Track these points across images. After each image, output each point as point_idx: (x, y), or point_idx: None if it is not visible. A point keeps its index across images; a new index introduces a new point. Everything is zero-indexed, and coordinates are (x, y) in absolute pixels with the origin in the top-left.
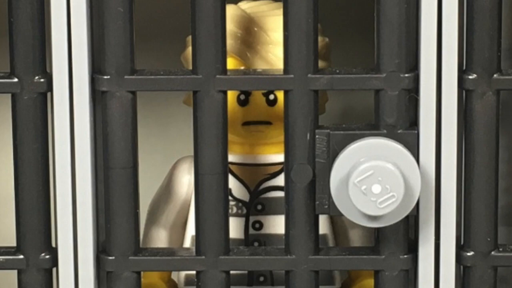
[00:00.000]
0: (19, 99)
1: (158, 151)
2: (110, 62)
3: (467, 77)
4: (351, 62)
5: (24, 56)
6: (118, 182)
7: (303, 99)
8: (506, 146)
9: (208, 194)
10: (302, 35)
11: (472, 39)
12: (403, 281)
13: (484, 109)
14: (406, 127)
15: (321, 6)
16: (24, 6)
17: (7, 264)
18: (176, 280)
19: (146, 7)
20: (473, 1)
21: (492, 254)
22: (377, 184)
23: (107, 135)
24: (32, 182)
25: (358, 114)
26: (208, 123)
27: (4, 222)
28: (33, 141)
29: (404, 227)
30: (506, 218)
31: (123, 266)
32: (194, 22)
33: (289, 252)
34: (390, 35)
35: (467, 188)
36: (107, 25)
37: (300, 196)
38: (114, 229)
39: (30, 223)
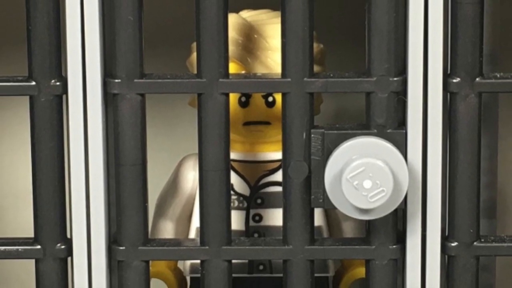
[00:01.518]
0: (36, 101)
1: (165, 149)
2: (121, 66)
3: (451, 80)
4: (344, 66)
5: (41, 61)
6: (128, 178)
7: (300, 101)
8: (487, 145)
9: (211, 189)
10: (298, 41)
11: (456, 45)
12: (392, 269)
13: (467, 110)
14: (395, 127)
15: (316, 15)
16: (41, 15)
17: (25, 253)
18: (182, 268)
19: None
20: (457, 10)
21: (474, 244)
22: (368, 179)
23: (118, 135)
24: (49, 178)
25: (350, 115)
26: (211, 123)
27: (23, 215)
28: (49, 140)
29: (393, 220)
30: (488, 211)
31: (133, 255)
32: (199, 30)
33: (287, 243)
34: (380, 41)
35: (451, 184)
36: (118, 33)
37: (297, 191)
38: (125, 221)
39: (47, 215)
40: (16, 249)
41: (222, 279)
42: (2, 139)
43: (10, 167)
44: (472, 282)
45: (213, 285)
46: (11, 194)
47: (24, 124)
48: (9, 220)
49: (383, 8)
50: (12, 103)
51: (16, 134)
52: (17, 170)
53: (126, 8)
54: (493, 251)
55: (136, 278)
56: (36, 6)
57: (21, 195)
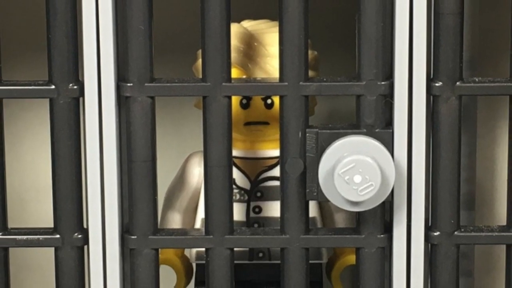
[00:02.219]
0: (55, 103)
1: (173, 147)
2: (133, 71)
3: (434, 84)
4: (336, 72)
5: (60, 66)
6: (139, 173)
7: (296, 103)
8: (467, 143)
9: (215, 183)
10: (294, 49)
11: (438, 52)
12: (380, 257)
13: (448, 112)
14: (382, 127)
15: (310, 25)
16: (60, 25)
17: (45, 242)
18: (188, 255)
19: (163, 25)
20: (439, 21)
21: (455, 234)
22: (358, 175)
23: (130, 134)
24: (67, 173)
25: (342, 116)
26: (215, 123)
27: (43, 207)
28: (67, 139)
29: (381, 211)
30: (467, 203)
31: (144, 244)
32: (204, 38)
33: (284, 232)
34: (368, 49)
35: (434, 178)
36: (130, 41)
37: (293, 185)
38: (136, 212)
39: (65, 207)
40: (37, 238)
41: (225, 265)
42: (25, 138)
43: (31, 164)
44: (453, 268)
45: (217, 271)
46: (33, 188)
47: (44, 124)
48: (31, 212)
49: (371, 18)
50: (33, 105)
51: (37, 133)
52: (38, 166)
53: (138, 18)
54: (472, 240)
55: (147, 265)
56: (56, 16)
57: (41, 189)
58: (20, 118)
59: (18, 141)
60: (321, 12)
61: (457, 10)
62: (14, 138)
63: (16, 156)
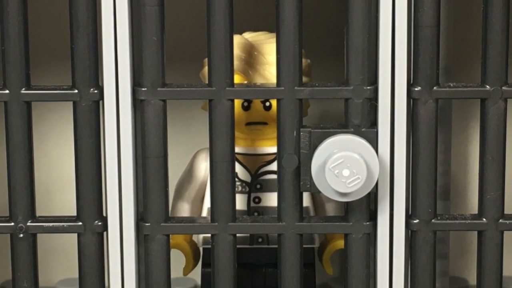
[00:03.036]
0: (78, 105)
1: (182, 144)
2: (147, 77)
3: (413, 89)
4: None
5: (82, 73)
6: (152, 167)
7: (291, 105)
8: (443, 141)
9: (220, 177)
10: (290, 57)
11: (417, 60)
12: (366, 242)
13: (426, 113)
14: (368, 127)
15: (304, 36)
16: (82, 36)
17: (69, 229)
18: (196, 240)
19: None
20: (418, 32)
21: (432, 221)
22: (346, 169)
23: (144, 133)
24: (88, 167)
25: (332, 117)
26: (220, 123)
27: (67, 197)
28: (89, 137)
29: (366, 201)
30: (443, 194)
31: (156, 230)
32: (210, 48)
33: (281, 220)
34: (356, 57)
35: (413, 172)
36: (145, 50)
37: (289, 178)
38: (150, 202)
39: (87, 198)
40: (62, 225)
41: (228, 249)
42: (51, 137)
43: (57, 159)
44: (430, 252)
45: (221, 254)
46: (58, 180)
47: (68, 124)
48: (56, 202)
49: (358, 30)
50: (58, 107)
51: (62, 132)
52: (63, 161)
53: (151, 30)
54: (447, 227)
55: (159, 249)
56: (78, 29)
57: (66, 181)
58: (47, 119)
59: (45, 139)
60: (314, 25)
61: (434, 23)
62: (41, 136)
63: (43, 152)
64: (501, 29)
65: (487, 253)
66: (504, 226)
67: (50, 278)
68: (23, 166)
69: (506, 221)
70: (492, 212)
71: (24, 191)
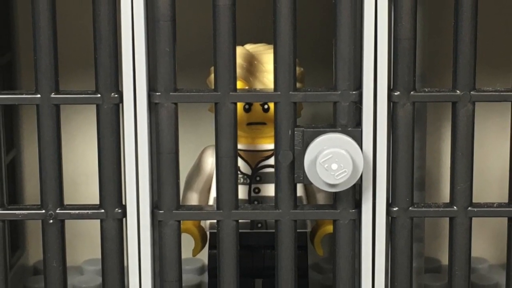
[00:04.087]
0: (101, 108)
1: (191, 142)
2: (161, 83)
3: (393, 93)
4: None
5: (104, 79)
6: (165, 162)
7: (287, 108)
8: (419, 139)
9: (224, 170)
10: (285, 66)
11: (396, 68)
12: (352, 227)
13: (404, 115)
14: (353, 126)
15: (298, 47)
16: (104, 47)
17: (93, 215)
18: (203, 226)
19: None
20: (397, 44)
21: (410, 209)
22: (334, 163)
23: (158, 132)
24: (110, 162)
25: (322, 118)
26: (224, 123)
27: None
28: (110, 135)
29: (352, 191)
30: (419, 185)
31: (169, 217)
32: (215, 58)
33: (277, 208)
34: (343, 66)
35: (393, 166)
36: (159, 60)
37: (284, 171)
38: (163, 193)
39: (108, 188)
40: (86, 213)
41: (231, 233)
42: (77, 135)
43: (82, 155)
44: (408, 236)
45: (225, 237)
46: (83, 174)
47: (92, 124)
48: (82, 192)
49: (345, 42)
50: (84, 109)
51: (86, 131)
52: (87, 157)
53: (164, 42)
54: (422, 214)
55: (171, 233)
56: (101, 41)
57: (90, 174)
58: (73, 119)
59: (71, 137)
60: (306, 38)
61: (411, 36)
62: (69, 135)
63: (70, 149)
64: (469, 41)
65: (457, 237)
66: (472, 213)
67: (76, 259)
68: (53, 161)
69: (474, 209)
70: (462, 201)
71: (53, 183)
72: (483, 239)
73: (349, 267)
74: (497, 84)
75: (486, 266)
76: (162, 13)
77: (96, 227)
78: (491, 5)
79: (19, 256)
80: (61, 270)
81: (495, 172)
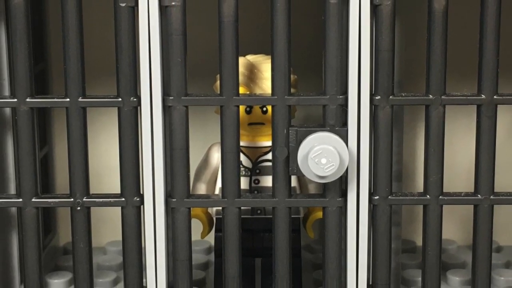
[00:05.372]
0: (122, 110)
1: (200, 139)
2: (173, 89)
3: (374, 98)
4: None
5: (124, 85)
6: (177, 157)
7: (282, 110)
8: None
9: (228, 164)
10: (281, 74)
11: (377, 76)
12: (339, 213)
13: (384, 116)
14: (340, 126)
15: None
16: (124, 58)
17: (115, 203)
18: (210, 212)
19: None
20: (378, 55)
21: (389, 197)
22: (324, 158)
23: (171, 131)
24: (129, 157)
25: (314, 119)
26: (228, 123)
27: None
28: (129, 134)
29: (339, 182)
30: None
31: (181, 204)
32: (221, 67)
33: (274, 196)
34: (331, 74)
35: (374, 160)
36: (172, 68)
37: (280, 165)
38: (175, 183)
39: (128, 180)
40: (109, 201)
41: (235, 218)
42: (101, 134)
43: (105, 151)
44: (387, 221)
45: (229, 222)
46: (106, 167)
47: (114, 124)
48: (105, 183)
49: (333, 53)
50: (107, 111)
51: (109, 130)
52: (110, 152)
53: (176, 53)
54: (400, 202)
55: (183, 218)
56: (122, 52)
57: (112, 167)
58: (98, 120)
59: (96, 135)
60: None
61: (390, 47)
62: (94, 133)
63: (95, 145)
64: (440, 53)
65: (430, 222)
66: (443, 201)
67: (100, 240)
68: (80, 156)
69: (445, 198)
70: (434, 190)
71: (80, 175)
72: (452, 223)
73: (336, 248)
74: (464, 89)
75: (455, 247)
76: (175, 28)
77: (118, 213)
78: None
79: (51, 238)
80: (87, 250)
81: (463, 166)
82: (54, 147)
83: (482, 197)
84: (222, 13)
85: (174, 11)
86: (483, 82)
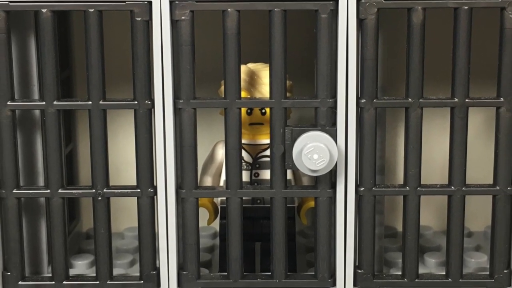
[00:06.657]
0: (137, 112)
1: (206, 137)
2: (183, 93)
3: (360, 101)
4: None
5: (140, 90)
6: (187, 153)
7: (279, 112)
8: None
9: (231, 159)
10: (278, 80)
11: (363, 82)
12: (329, 203)
13: (369, 117)
14: (330, 126)
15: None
16: (140, 65)
17: (132, 194)
18: (216, 202)
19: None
20: (363, 63)
21: (373, 189)
22: (316, 154)
23: (181, 130)
24: (144, 153)
25: (306, 119)
26: (231, 124)
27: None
28: (144, 133)
29: (329, 176)
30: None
31: (190, 195)
32: (225, 73)
33: (272, 188)
34: (322, 80)
35: (360, 156)
36: (182, 75)
37: (277, 160)
38: (185, 176)
39: (143, 173)
40: (126, 191)
41: (237, 208)
42: (120, 133)
43: (123, 148)
44: (372, 210)
45: (232, 211)
46: (124, 162)
47: (131, 124)
48: (123, 177)
49: (324, 62)
50: (124, 113)
51: (126, 130)
52: (127, 149)
53: (186, 61)
54: (383, 193)
55: (191, 207)
56: (138, 60)
57: (129, 163)
58: (117, 120)
59: (115, 134)
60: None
61: (374, 56)
62: (113, 133)
63: (114, 143)
64: (418, 61)
65: (409, 210)
66: (420, 192)
67: (119, 226)
68: (101, 152)
69: (422, 189)
70: (413, 182)
71: (101, 169)
72: (429, 211)
73: (327, 233)
74: (440, 93)
75: (431, 232)
76: (184, 40)
77: (134, 202)
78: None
79: (75, 225)
80: (107, 235)
81: (438, 161)
82: (78, 144)
83: (455, 188)
84: (226, 27)
85: (184, 24)
86: (456, 87)
